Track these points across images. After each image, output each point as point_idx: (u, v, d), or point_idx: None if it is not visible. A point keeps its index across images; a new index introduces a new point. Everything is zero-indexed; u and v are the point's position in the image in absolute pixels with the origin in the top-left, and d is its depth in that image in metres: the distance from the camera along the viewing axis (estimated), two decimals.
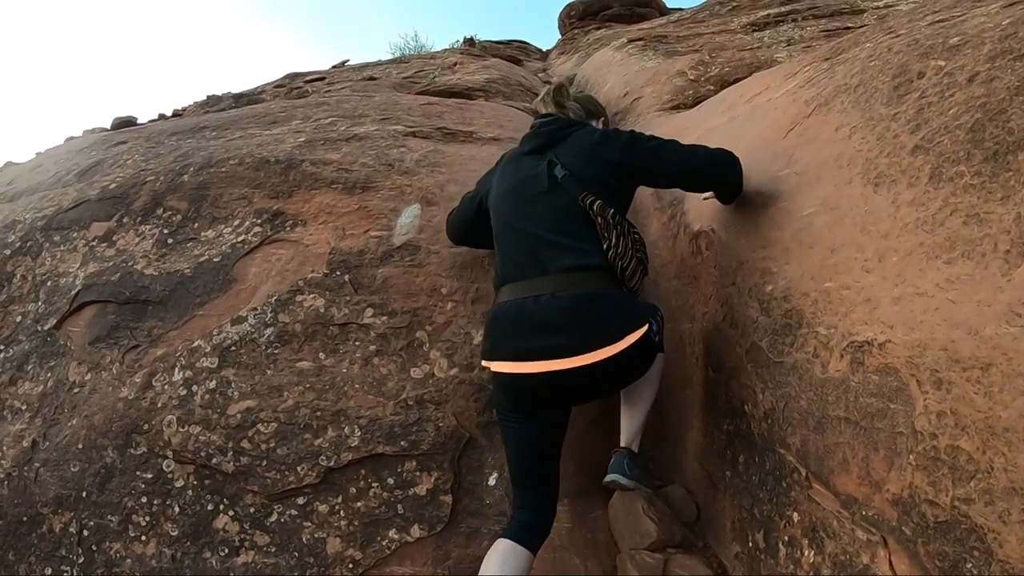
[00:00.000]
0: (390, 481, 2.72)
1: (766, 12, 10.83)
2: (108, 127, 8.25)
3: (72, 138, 7.71)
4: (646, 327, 2.36)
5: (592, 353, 2.23)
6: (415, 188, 3.72)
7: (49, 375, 3.17)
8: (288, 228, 3.48)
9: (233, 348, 3.03)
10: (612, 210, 2.48)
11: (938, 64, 2.61)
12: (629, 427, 2.73)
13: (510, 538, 2.29)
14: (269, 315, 3.09)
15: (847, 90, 2.96)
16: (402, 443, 2.76)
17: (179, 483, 2.78)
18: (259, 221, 3.53)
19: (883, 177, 2.35)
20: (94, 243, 3.67)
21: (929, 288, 1.93)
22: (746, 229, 2.89)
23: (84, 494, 2.81)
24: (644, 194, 4.20)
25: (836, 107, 2.93)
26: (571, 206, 2.49)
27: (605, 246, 2.44)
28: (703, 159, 2.76)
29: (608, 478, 2.59)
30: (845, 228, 2.34)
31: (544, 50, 20.11)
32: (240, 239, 3.46)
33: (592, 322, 2.30)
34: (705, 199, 3.14)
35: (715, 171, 2.79)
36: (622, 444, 2.70)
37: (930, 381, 1.78)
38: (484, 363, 2.50)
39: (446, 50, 15.85)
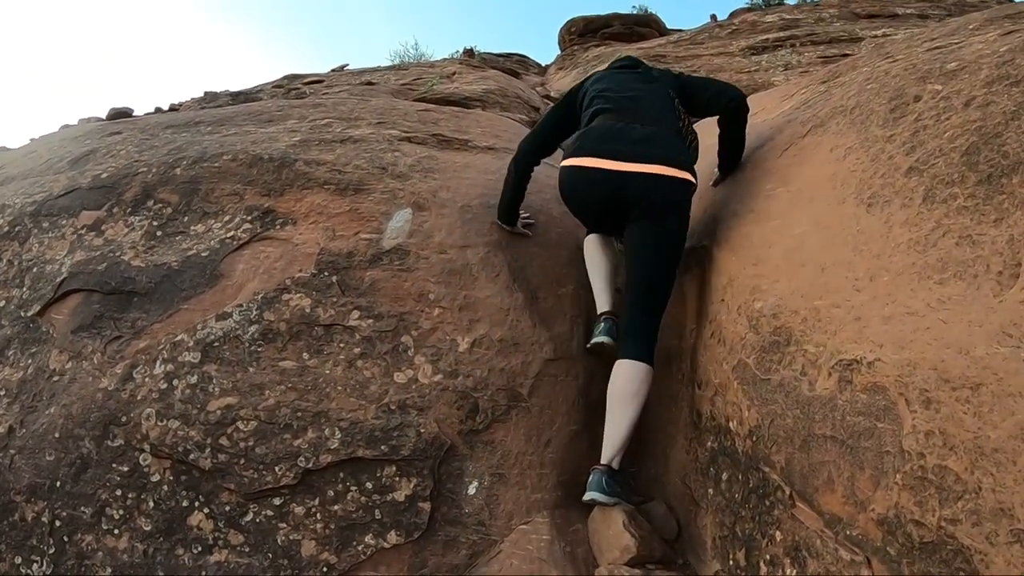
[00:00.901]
0: (369, 485, 2.69)
1: (764, 37, 10.92)
2: (104, 117, 8.23)
3: (67, 126, 7.68)
4: (694, 180, 3.06)
5: (656, 166, 2.95)
6: (407, 192, 3.71)
7: (30, 362, 3.14)
8: (278, 226, 3.46)
9: (216, 344, 3.00)
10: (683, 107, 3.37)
11: (935, 88, 2.62)
12: (611, 442, 2.77)
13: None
14: (254, 312, 3.07)
15: (843, 112, 2.97)
16: (382, 447, 2.73)
17: (155, 478, 2.74)
18: (249, 218, 3.51)
19: (877, 197, 2.35)
20: (82, 231, 3.65)
21: (920, 308, 1.92)
22: (737, 246, 2.89)
23: (58, 484, 2.77)
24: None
25: (832, 128, 2.94)
26: (663, 94, 3.34)
27: (680, 124, 3.27)
28: (721, 84, 3.52)
29: (587, 496, 2.69)
30: (837, 247, 2.34)
31: (543, 65, 20.23)
32: (229, 235, 3.44)
33: (665, 148, 3.03)
34: (713, 184, 3.59)
35: (730, 100, 3.32)
36: (603, 461, 2.75)
37: (919, 400, 1.77)
38: (565, 161, 3.20)
39: (445, 60, 15.91)
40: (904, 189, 2.28)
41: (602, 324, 3.13)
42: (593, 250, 3.38)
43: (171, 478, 2.74)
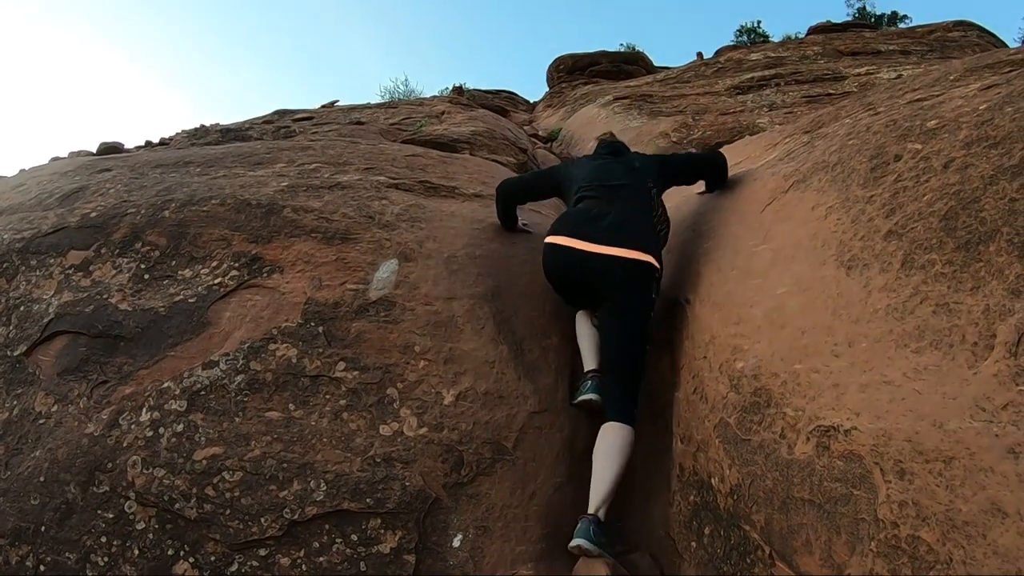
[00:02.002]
0: (354, 538, 2.68)
1: (750, 75, 11.00)
2: (94, 151, 8.21)
3: (57, 158, 7.66)
4: (657, 265, 3.25)
5: (624, 249, 3.20)
6: (394, 243, 3.73)
7: (15, 403, 3.13)
8: (265, 274, 3.48)
9: (203, 392, 3.00)
10: (659, 196, 3.66)
11: (915, 147, 2.66)
12: (597, 495, 2.84)
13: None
14: (241, 361, 3.07)
15: (825, 167, 3.00)
16: (368, 500, 2.73)
17: (140, 525, 2.72)
18: (237, 265, 3.52)
19: (856, 260, 2.38)
20: (70, 271, 3.64)
21: (896, 377, 1.95)
22: (720, 303, 2.92)
23: (43, 528, 2.75)
24: None
25: (814, 184, 2.97)
26: (642, 185, 3.60)
27: (654, 214, 3.53)
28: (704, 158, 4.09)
29: (574, 543, 2.71)
30: (817, 310, 2.37)
31: (532, 102, 20.35)
32: (217, 281, 3.45)
33: (631, 234, 3.29)
34: (699, 193, 4.11)
35: (713, 165, 3.95)
36: (590, 511, 2.80)
37: (893, 471, 1.80)
38: (546, 240, 3.49)
39: (435, 97, 15.96)
40: (883, 253, 2.31)
41: (588, 382, 3.21)
42: (581, 323, 3.53)
43: (156, 526, 2.72)
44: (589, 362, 3.31)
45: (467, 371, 3.16)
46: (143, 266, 3.61)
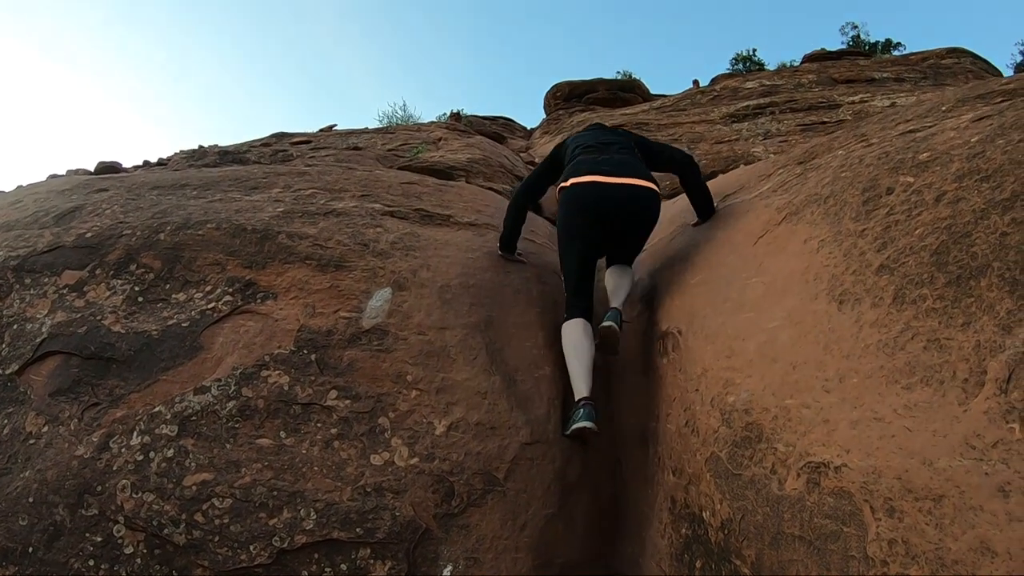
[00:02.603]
0: (343, 567, 2.67)
1: (745, 104, 11.06)
2: (91, 170, 8.22)
3: (55, 176, 7.66)
4: (658, 189, 3.94)
5: (637, 179, 3.85)
6: (388, 271, 3.74)
7: (6, 422, 3.10)
8: (259, 300, 3.48)
9: (194, 418, 2.99)
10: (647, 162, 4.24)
11: (907, 180, 2.68)
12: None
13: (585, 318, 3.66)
14: (233, 388, 3.07)
15: (818, 200, 3.01)
16: (358, 530, 2.71)
17: (128, 550, 2.70)
18: (231, 289, 3.52)
19: (848, 295, 2.38)
20: (64, 291, 3.63)
21: (887, 414, 1.96)
22: (713, 336, 2.93)
23: (31, 550, 2.72)
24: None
25: (806, 217, 2.98)
26: (625, 143, 4.28)
27: (638, 157, 4.18)
28: (672, 150, 4.53)
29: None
30: (808, 345, 2.37)
31: (528, 128, 20.41)
32: (210, 306, 3.45)
33: (634, 168, 3.94)
34: (694, 225, 4.32)
35: (684, 163, 4.34)
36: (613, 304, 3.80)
37: (883, 508, 1.80)
38: (566, 182, 3.96)
39: (432, 123, 16.01)
40: (875, 288, 2.32)
41: (582, 410, 3.24)
42: (574, 334, 3.59)
43: (145, 551, 2.70)
44: (581, 389, 3.33)
45: (459, 401, 3.15)
46: (137, 288, 3.60)
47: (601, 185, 3.83)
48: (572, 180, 3.92)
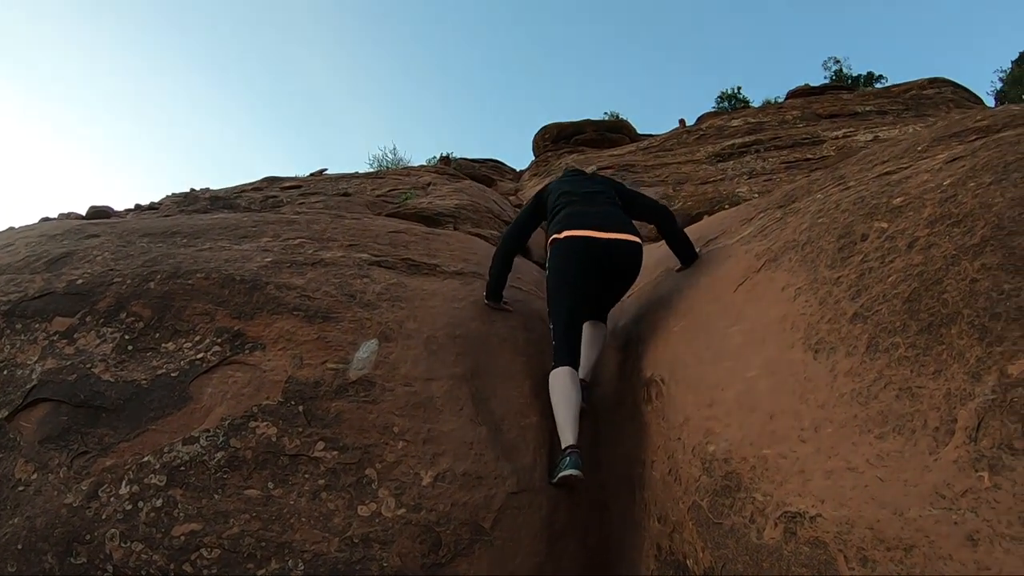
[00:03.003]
0: None
1: (731, 142, 11.16)
2: (83, 214, 8.25)
3: (47, 219, 7.68)
4: (641, 242, 4.11)
5: (625, 234, 4.01)
6: (375, 323, 3.77)
7: None
8: (247, 351, 3.50)
9: (183, 468, 2.99)
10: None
11: (881, 226, 2.71)
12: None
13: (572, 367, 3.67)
14: (221, 438, 3.08)
15: (796, 247, 3.05)
16: None
17: None
18: (219, 340, 3.55)
19: (823, 344, 2.42)
20: (55, 338, 3.64)
21: (860, 463, 1.98)
22: (694, 384, 2.95)
23: None
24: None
25: (784, 264, 3.01)
26: (607, 191, 4.44)
27: (621, 207, 4.36)
28: (661, 210, 4.58)
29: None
30: (785, 394, 2.40)
31: (517, 170, 20.53)
32: (199, 356, 3.47)
33: (620, 222, 4.10)
34: (677, 270, 4.42)
35: (661, 215, 4.52)
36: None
37: (856, 558, 1.83)
38: (559, 235, 4.06)
39: (422, 167, 16.11)
40: (849, 336, 2.36)
41: (568, 458, 3.25)
42: (562, 382, 3.60)
43: None
44: (568, 437, 3.34)
45: (445, 452, 3.17)
46: (127, 337, 3.62)
47: (593, 240, 3.97)
48: (565, 233, 4.04)
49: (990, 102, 23.49)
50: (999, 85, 29.03)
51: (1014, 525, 1.56)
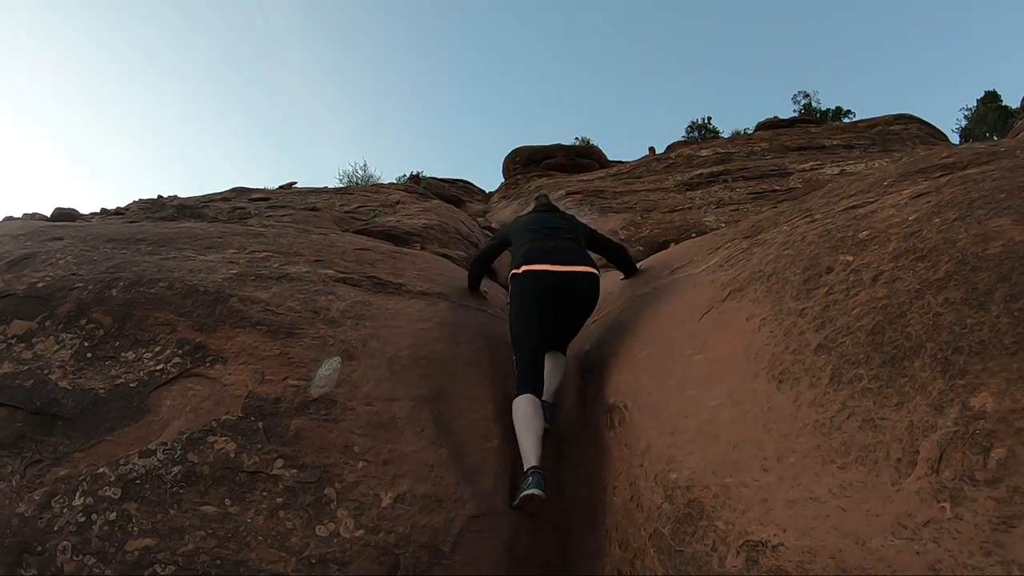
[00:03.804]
0: None
1: (699, 171, 11.26)
2: (48, 215, 8.14)
3: (10, 218, 7.56)
4: (598, 273, 4.37)
5: (581, 267, 4.27)
6: (338, 340, 3.75)
7: None
8: (208, 364, 3.45)
9: (138, 481, 2.93)
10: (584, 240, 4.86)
11: (846, 259, 2.73)
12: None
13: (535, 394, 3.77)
14: (179, 452, 3.03)
15: (761, 277, 3.06)
16: None
17: None
18: (180, 352, 3.49)
19: (787, 374, 2.42)
20: (12, 341, 3.56)
21: (822, 493, 1.99)
22: (657, 412, 2.95)
23: None
24: (567, 358, 4.36)
25: (749, 295, 3.03)
26: (570, 228, 4.81)
27: (582, 243, 4.73)
28: (618, 248, 5.30)
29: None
30: (748, 424, 2.40)
31: (487, 192, 20.60)
32: (159, 367, 3.41)
33: (578, 255, 4.38)
34: (621, 279, 5.26)
35: (621, 257, 5.26)
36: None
37: None
38: (518, 269, 4.32)
39: (391, 184, 16.12)
40: (813, 368, 2.37)
41: (531, 478, 3.28)
42: (524, 410, 3.66)
43: None
44: (530, 459, 3.38)
45: (406, 473, 3.15)
46: (86, 344, 3.56)
47: (551, 273, 4.21)
48: (524, 267, 4.31)
49: (955, 139, 24.00)
50: (964, 123, 29.66)
51: (976, 555, 1.57)
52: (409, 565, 2.85)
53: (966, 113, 31.17)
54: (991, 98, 30.05)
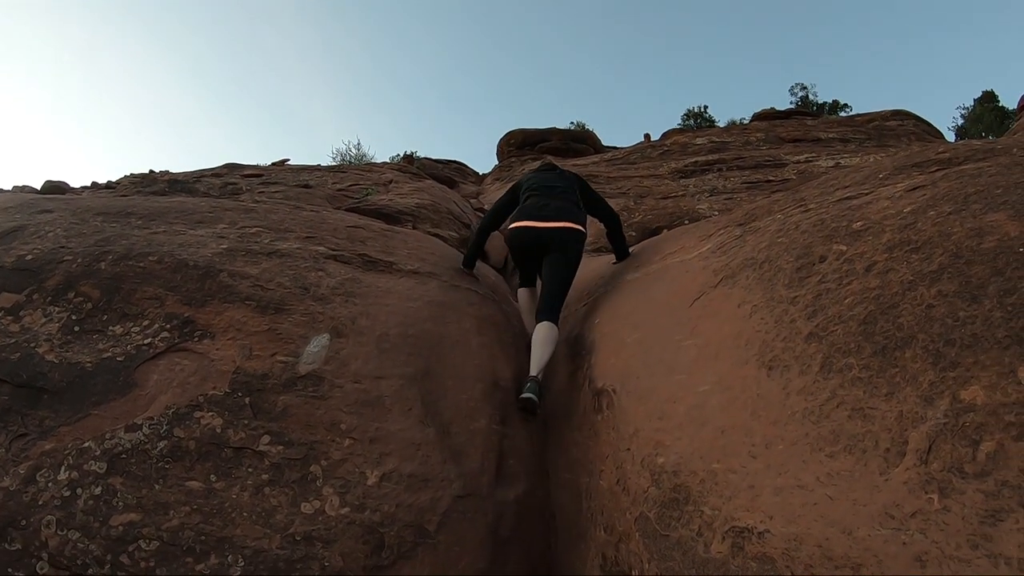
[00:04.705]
0: None
1: (694, 159, 11.24)
2: (38, 188, 8.08)
3: (0, 191, 7.51)
4: (584, 230, 5.03)
5: (564, 223, 4.92)
6: (327, 317, 3.73)
7: None
8: (196, 339, 3.42)
9: (124, 456, 2.91)
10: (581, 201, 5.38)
11: (840, 249, 2.73)
12: (537, 364, 4.10)
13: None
14: (164, 427, 3.00)
15: (754, 265, 3.06)
16: None
17: None
18: (168, 326, 3.47)
19: (777, 362, 2.42)
20: (0, 314, 3.54)
21: (810, 481, 1.99)
22: (645, 396, 2.95)
23: None
24: (558, 344, 4.39)
25: (741, 281, 3.02)
26: (570, 187, 5.40)
27: (577, 201, 5.31)
28: (606, 206, 5.78)
29: (525, 395, 3.86)
30: (736, 410, 2.40)
31: (480, 174, 20.54)
32: (147, 341, 3.39)
33: (568, 213, 5.02)
34: (613, 264, 5.62)
35: (612, 217, 5.72)
36: (532, 373, 4.04)
37: (804, 575, 1.82)
38: (510, 225, 5.18)
39: (384, 164, 16.05)
40: (803, 355, 2.37)
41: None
42: (525, 297, 5.39)
43: None
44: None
45: (392, 452, 3.14)
46: (74, 317, 3.52)
47: (535, 229, 4.97)
48: (514, 224, 5.14)
49: (951, 137, 24.02)
50: (960, 121, 29.63)
51: (963, 548, 1.57)
52: (394, 544, 2.85)
53: (963, 112, 31.12)
54: (988, 98, 29.99)
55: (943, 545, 1.61)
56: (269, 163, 13.66)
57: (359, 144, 23.67)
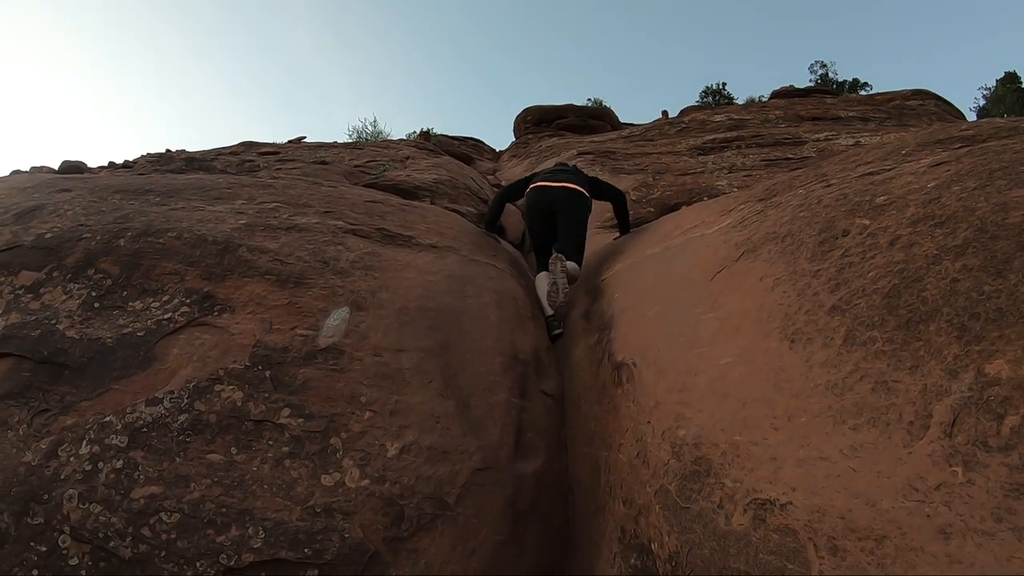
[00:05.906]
0: None
1: (712, 136, 11.17)
2: (56, 168, 8.11)
3: (18, 171, 7.54)
4: (589, 198, 5.73)
5: (573, 185, 5.62)
6: (347, 291, 3.73)
7: None
8: (216, 313, 3.44)
9: (145, 430, 2.93)
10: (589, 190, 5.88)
11: (863, 223, 2.71)
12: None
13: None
14: (185, 401, 3.02)
15: (775, 239, 3.04)
16: (306, 550, 2.68)
17: (73, 561, 2.62)
18: (188, 301, 3.48)
19: (800, 334, 2.40)
20: (20, 292, 3.53)
21: (833, 454, 1.98)
22: (665, 370, 2.94)
23: None
24: (575, 316, 4.37)
25: (763, 255, 3.00)
26: (579, 176, 5.97)
27: (587, 187, 5.81)
28: (613, 189, 6.28)
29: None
30: (759, 383, 2.39)
31: (497, 151, 20.51)
32: (167, 316, 3.40)
33: (575, 179, 5.77)
34: (615, 239, 6.07)
35: (617, 197, 6.16)
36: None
37: (827, 547, 1.82)
38: (528, 188, 5.86)
39: (401, 140, 16.03)
40: (826, 328, 2.35)
41: (554, 321, 4.87)
42: (540, 283, 5.33)
43: (90, 563, 2.62)
44: (547, 310, 4.93)
45: (412, 424, 3.15)
46: (94, 294, 3.54)
47: (544, 187, 5.68)
48: (531, 186, 5.84)
49: (972, 118, 23.81)
50: (982, 102, 29.34)
51: (987, 521, 1.56)
52: (413, 516, 2.86)
53: (984, 93, 30.82)
54: (1011, 79, 29.67)
55: (967, 518, 1.60)
56: (286, 141, 13.66)
57: (375, 121, 23.63)
